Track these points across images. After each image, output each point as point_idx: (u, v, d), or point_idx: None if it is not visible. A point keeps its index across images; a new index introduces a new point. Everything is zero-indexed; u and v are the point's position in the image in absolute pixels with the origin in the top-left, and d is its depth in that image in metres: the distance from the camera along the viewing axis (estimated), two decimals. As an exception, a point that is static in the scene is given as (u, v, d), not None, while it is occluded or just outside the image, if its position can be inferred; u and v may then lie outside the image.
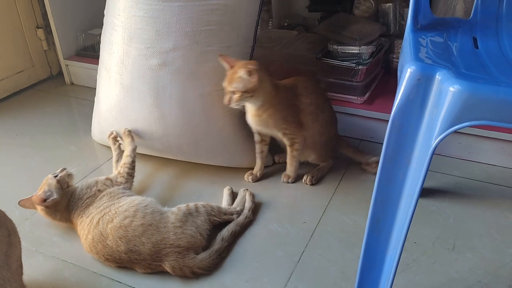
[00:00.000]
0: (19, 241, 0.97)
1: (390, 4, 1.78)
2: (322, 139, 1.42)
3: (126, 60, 1.40)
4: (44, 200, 1.19)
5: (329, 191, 1.41)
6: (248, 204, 1.30)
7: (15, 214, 1.32)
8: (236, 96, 1.23)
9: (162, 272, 1.12)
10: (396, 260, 0.82)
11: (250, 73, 1.20)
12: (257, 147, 1.44)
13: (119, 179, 1.30)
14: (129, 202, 1.18)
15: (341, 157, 1.51)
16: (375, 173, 0.83)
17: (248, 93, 1.23)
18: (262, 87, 1.25)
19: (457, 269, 1.12)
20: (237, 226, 1.23)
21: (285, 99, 1.33)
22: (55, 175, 1.24)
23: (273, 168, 1.51)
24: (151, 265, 1.11)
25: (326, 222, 1.28)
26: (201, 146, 1.45)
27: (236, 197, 1.34)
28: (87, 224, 1.16)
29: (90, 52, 2.13)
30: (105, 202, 1.20)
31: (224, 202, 1.34)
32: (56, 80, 2.25)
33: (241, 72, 1.21)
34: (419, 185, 0.77)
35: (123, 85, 1.42)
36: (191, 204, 1.21)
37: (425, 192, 1.37)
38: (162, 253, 1.10)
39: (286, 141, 1.38)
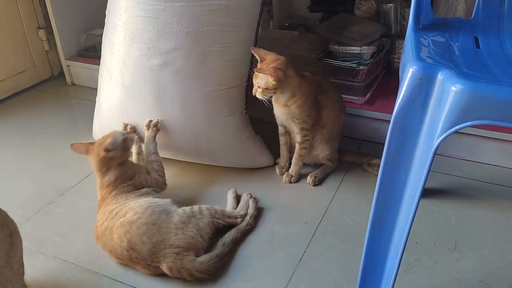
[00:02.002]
0: (21, 241, 0.97)
1: (391, 4, 1.78)
2: (339, 138, 1.47)
3: (127, 60, 1.40)
4: (108, 150, 1.21)
5: (331, 191, 1.41)
6: (250, 210, 1.29)
7: (16, 214, 1.32)
8: (259, 90, 1.29)
9: (164, 273, 1.11)
10: (398, 260, 0.82)
11: (267, 75, 1.25)
12: (282, 139, 1.47)
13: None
14: (147, 200, 1.19)
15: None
16: (377, 174, 0.83)
17: (269, 89, 1.28)
18: (288, 83, 1.29)
19: (458, 269, 1.11)
20: (239, 232, 1.22)
21: (314, 92, 1.36)
22: (123, 133, 1.26)
23: (273, 168, 1.51)
24: (150, 266, 1.10)
25: (327, 222, 1.28)
26: (202, 146, 1.45)
27: (240, 200, 1.34)
28: (108, 212, 1.16)
29: (91, 53, 2.13)
30: (133, 198, 1.20)
31: (229, 205, 1.33)
32: (57, 80, 2.26)
33: (260, 74, 1.27)
34: (421, 186, 0.77)
35: (125, 85, 1.43)
36: (196, 207, 1.20)
37: (427, 193, 1.37)
38: (160, 253, 1.09)
39: (299, 137, 1.40)
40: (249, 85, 1.48)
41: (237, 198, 1.35)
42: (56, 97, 2.09)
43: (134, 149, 1.41)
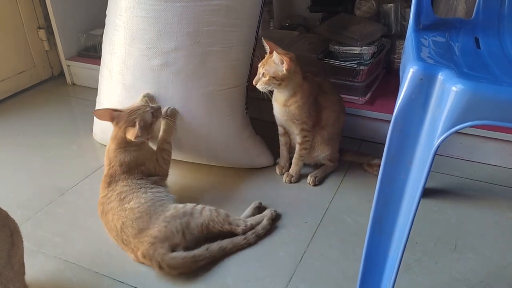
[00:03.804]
0: (21, 241, 0.97)
1: (392, 4, 1.78)
2: (339, 138, 1.47)
3: (128, 60, 1.40)
4: (137, 138, 1.21)
5: (331, 191, 1.41)
6: (259, 227, 1.22)
7: (17, 214, 1.32)
8: (264, 78, 1.27)
9: (166, 273, 1.12)
10: (398, 260, 0.82)
11: (283, 61, 1.24)
12: (281, 139, 1.47)
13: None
14: (154, 193, 1.22)
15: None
16: (377, 174, 0.83)
17: (276, 79, 1.27)
18: (293, 79, 1.29)
19: (459, 269, 1.11)
20: (231, 243, 1.17)
21: (314, 93, 1.36)
22: (152, 109, 1.27)
23: (273, 168, 1.51)
24: (133, 250, 1.13)
25: (327, 222, 1.28)
26: (202, 146, 1.45)
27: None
28: (117, 193, 1.20)
29: (92, 53, 2.13)
30: (143, 189, 1.22)
31: (244, 214, 1.28)
32: (57, 80, 2.26)
33: (276, 58, 1.25)
34: (421, 186, 0.77)
35: (125, 85, 1.43)
36: (199, 206, 1.20)
37: (427, 193, 1.37)
38: (141, 240, 1.12)
39: (299, 138, 1.40)
40: (250, 85, 1.48)
41: (261, 210, 1.30)
42: (56, 97, 2.09)
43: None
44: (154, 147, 1.35)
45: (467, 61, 0.87)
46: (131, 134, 1.22)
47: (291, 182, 1.44)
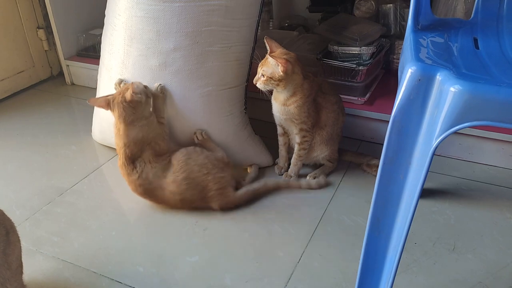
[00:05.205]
0: (19, 240, 0.97)
1: (391, 5, 1.78)
2: (339, 139, 1.46)
3: (126, 60, 1.40)
4: (136, 93, 1.24)
5: (330, 191, 1.41)
6: (316, 181, 1.39)
7: (15, 214, 1.32)
8: (263, 79, 1.29)
9: (163, 272, 1.12)
10: (397, 260, 0.82)
11: (279, 64, 1.25)
12: (280, 139, 1.47)
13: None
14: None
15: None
16: (376, 175, 0.83)
17: (274, 80, 1.28)
18: (292, 79, 1.29)
19: (457, 270, 1.11)
20: (285, 183, 1.39)
21: (313, 93, 1.36)
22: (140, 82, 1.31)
23: (273, 168, 1.51)
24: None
25: (326, 222, 1.28)
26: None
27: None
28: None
29: (91, 53, 2.13)
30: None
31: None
32: (56, 80, 2.26)
33: (272, 61, 1.26)
34: (420, 186, 0.77)
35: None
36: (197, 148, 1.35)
37: (426, 193, 1.37)
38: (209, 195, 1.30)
39: (298, 138, 1.39)
40: (249, 85, 1.48)
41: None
42: (55, 97, 2.09)
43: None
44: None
45: (466, 62, 0.87)
46: (128, 94, 1.24)
47: (290, 182, 1.44)
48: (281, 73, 1.26)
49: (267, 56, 1.29)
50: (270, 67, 1.27)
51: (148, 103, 1.30)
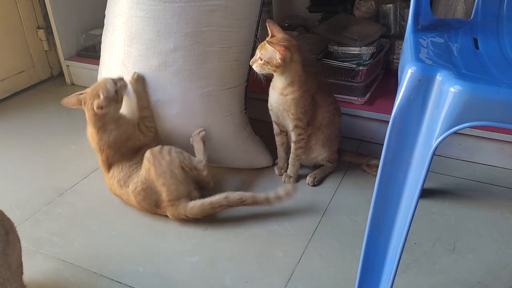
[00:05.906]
0: (18, 240, 0.97)
1: (391, 5, 1.78)
2: (337, 140, 1.46)
3: (126, 60, 1.40)
4: (102, 108, 1.25)
5: (330, 191, 1.41)
6: (283, 190, 1.29)
7: (15, 214, 1.32)
8: (260, 62, 1.28)
9: (163, 272, 1.12)
10: (397, 260, 0.82)
11: (277, 51, 1.24)
12: (278, 139, 1.46)
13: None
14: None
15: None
16: (376, 175, 0.83)
17: (270, 65, 1.27)
18: (291, 67, 1.29)
19: (457, 270, 1.12)
20: (251, 198, 1.27)
21: (311, 88, 1.35)
22: (114, 81, 1.29)
23: (273, 168, 1.51)
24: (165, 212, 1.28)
25: (326, 222, 1.28)
26: (201, 147, 1.44)
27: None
28: (117, 181, 1.31)
29: (91, 53, 2.13)
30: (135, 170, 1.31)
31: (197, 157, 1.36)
32: (56, 80, 2.26)
33: (270, 47, 1.25)
34: (420, 186, 0.77)
35: (124, 86, 1.42)
36: (165, 148, 1.31)
37: (426, 193, 1.37)
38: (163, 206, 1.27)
39: (293, 136, 1.38)
40: (249, 85, 1.48)
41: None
42: (55, 97, 2.09)
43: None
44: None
45: (466, 62, 0.87)
46: (95, 104, 1.24)
47: (290, 183, 1.44)
48: (279, 61, 1.25)
49: (266, 41, 1.28)
50: (269, 52, 1.26)
51: (118, 107, 1.31)
